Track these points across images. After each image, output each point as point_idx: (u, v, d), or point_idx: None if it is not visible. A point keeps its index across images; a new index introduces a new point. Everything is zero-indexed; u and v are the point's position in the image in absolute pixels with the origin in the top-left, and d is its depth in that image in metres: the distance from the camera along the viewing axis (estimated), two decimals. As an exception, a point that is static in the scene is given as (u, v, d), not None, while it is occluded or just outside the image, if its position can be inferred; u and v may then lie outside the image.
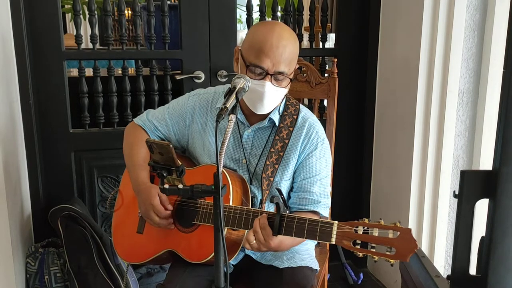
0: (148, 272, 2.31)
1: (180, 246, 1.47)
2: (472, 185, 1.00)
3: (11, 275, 1.94)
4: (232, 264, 1.54)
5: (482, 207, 1.05)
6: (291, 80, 1.44)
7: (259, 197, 1.50)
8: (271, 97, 1.41)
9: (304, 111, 1.57)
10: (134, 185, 1.52)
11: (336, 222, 1.24)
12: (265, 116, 1.51)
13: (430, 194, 2.27)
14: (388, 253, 1.16)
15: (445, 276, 1.11)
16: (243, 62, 1.41)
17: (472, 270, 1.08)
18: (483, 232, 1.03)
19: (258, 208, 1.46)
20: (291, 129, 1.52)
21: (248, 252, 1.56)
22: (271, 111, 1.51)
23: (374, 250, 1.18)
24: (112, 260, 2.07)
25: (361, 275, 2.57)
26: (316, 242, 1.73)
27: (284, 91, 1.45)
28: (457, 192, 1.03)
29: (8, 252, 1.90)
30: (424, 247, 2.32)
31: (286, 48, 1.38)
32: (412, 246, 1.14)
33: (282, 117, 1.53)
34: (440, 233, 2.30)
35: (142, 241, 1.54)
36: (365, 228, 1.19)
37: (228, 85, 1.56)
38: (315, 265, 1.60)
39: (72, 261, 2.04)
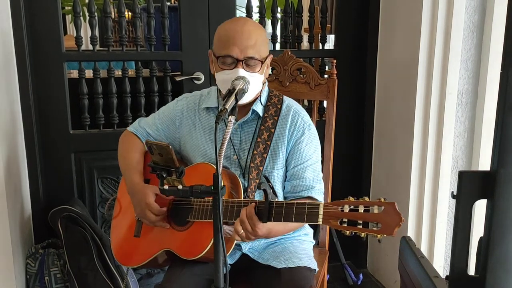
0: (148, 273, 2.31)
1: (175, 244, 1.49)
2: (470, 185, 1.00)
3: (11, 276, 1.94)
4: (230, 264, 1.55)
5: (481, 207, 1.05)
6: (262, 63, 1.46)
7: (246, 186, 1.51)
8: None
9: (288, 100, 1.60)
10: (129, 187, 1.55)
11: (323, 202, 1.26)
12: (248, 109, 1.53)
13: (430, 195, 2.27)
14: (374, 228, 1.17)
15: (444, 277, 1.11)
16: (215, 58, 1.46)
17: (472, 271, 1.08)
18: (482, 233, 1.04)
19: (244, 195, 1.48)
20: (276, 118, 1.54)
21: (245, 251, 1.57)
22: (253, 103, 1.52)
23: (360, 227, 1.19)
24: (112, 261, 2.08)
25: (361, 275, 2.57)
26: (314, 242, 1.74)
27: (259, 76, 1.47)
28: (455, 193, 1.03)
29: (8, 253, 1.90)
30: (423, 247, 2.32)
31: (251, 34, 1.42)
32: (397, 219, 1.16)
33: (265, 108, 1.55)
34: (440, 234, 2.31)
35: (139, 244, 1.56)
36: (351, 206, 1.20)
37: (213, 87, 1.59)
38: (313, 265, 1.60)
39: (72, 262, 2.04)
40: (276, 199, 1.34)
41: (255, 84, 1.46)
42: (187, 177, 1.40)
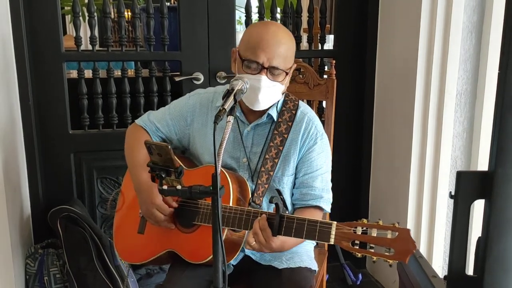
0: (148, 273, 2.31)
1: (180, 246, 1.48)
2: (468, 185, 1.00)
3: (10, 276, 1.94)
4: (232, 265, 1.55)
5: (479, 207, 1.06)
6: (286, 73, 1.44)
7: (253, 189, 1.50)
8: (267, 92, 1.42)
9: (303, 106, 1.58)
10: (136, 184, 1.53)
11: (335, 222, 1.24)
12: (263, 113, 1.52)
13: (428, 195, 2.28)
14: (386, 253, 1.16)
15: (442, 277, 1.11)
16: (240, 59, 1.43)
17: (470, 271, 1.08)
18: (480, 233, 1.04)
19: (250, 200, 1.47)
20: (289, 124, 1.53)
21: (247, 252, 1.57)
22: (269, 107, 1.51)
23: (372, 250, 1.18)
24: (111, 261, 2.08)
25: (360, 275, 2.57)
26: (315, 243, 1.74)
27: (281, 87, 1.45)
28: (453, 193, 1.03)
29: (8, 253, 1.90)
30: (422, 247, 2.32)
31: (281, 44, 1.40)
32: (410, 247, 1.14)
33: (280, 112, 1.54)
34: (438, 234, 2.31)
35: (143, 242, 1.55)
36: (364, 228, 1.19)
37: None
38: (314, 265, 1.60)
39: (72, 262, 2.04)
40: (287, 212, 1.33)
41: (274, 94, 1.45)
42: (193, 179, 1.40)
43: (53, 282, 2.08)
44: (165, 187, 1.25)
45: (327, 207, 1.54)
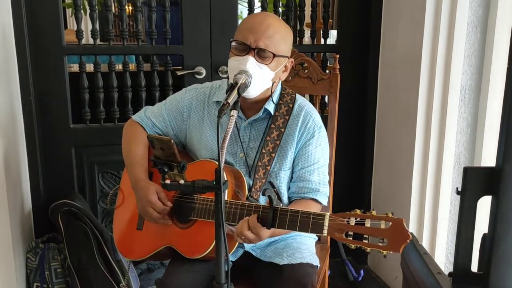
0: (149, 268, 2.31)
1: (177, 242, 1.48)
2: (475, 181, 1.00)
3: (11, 271, 1.94)
4: (231, 261, 1.54)
5: (485, 204, 1.05)
6: (274, 55, 1.40)
7: (251, 185, 1.49)
8: (255, 75, 1.38)
9: (300, 99, 1.57)
10: (132, 182, 1.53)
11: (328, 213, 1.24)
12: (260, 108, 1.51)
13: (432, 191, 2.27)
14: (380, 244, 1.15)
15: (446, 273, 1.10)
16: (230, 44, 1.43)
17: (474, 267, 1.07)
18: (485, 229, 1.03)
19: (248, 195, 1.47)
20: (287, 117, 1.51)
21: (247, 248, 1.56)
22: (265, 101, 1.50)
23: (366, 241, 1.17)
24: (112, 255, 2.08)
25: (362, 271, 2.56)
26: (316, 238, 1.73)
27: (269, 72, 1.41)
28: (459, 189, 1.02)
29: (9, 248, 1.90)
30: (425, 243, 2.31)
31: (270, 27, 1.40)
32: (404, 237, 1.13)
33: (277, 106, 1.52)
34: (441, 230, 2.30)
35: (141, 238, 1.55)
36: (357, 219, 1.18)
37: (226, 80, 1.57)
38: (315, 261, 1.59)
39: (73, 257, 2.04)
40: (281, 205, 1.32)
41: (262, 78, 1.40)
42: (191, 174, 1.39)
43: (54, 276, 2.07)
44: (167, 181, 1.24)
45: (324, 201, 1.54)
